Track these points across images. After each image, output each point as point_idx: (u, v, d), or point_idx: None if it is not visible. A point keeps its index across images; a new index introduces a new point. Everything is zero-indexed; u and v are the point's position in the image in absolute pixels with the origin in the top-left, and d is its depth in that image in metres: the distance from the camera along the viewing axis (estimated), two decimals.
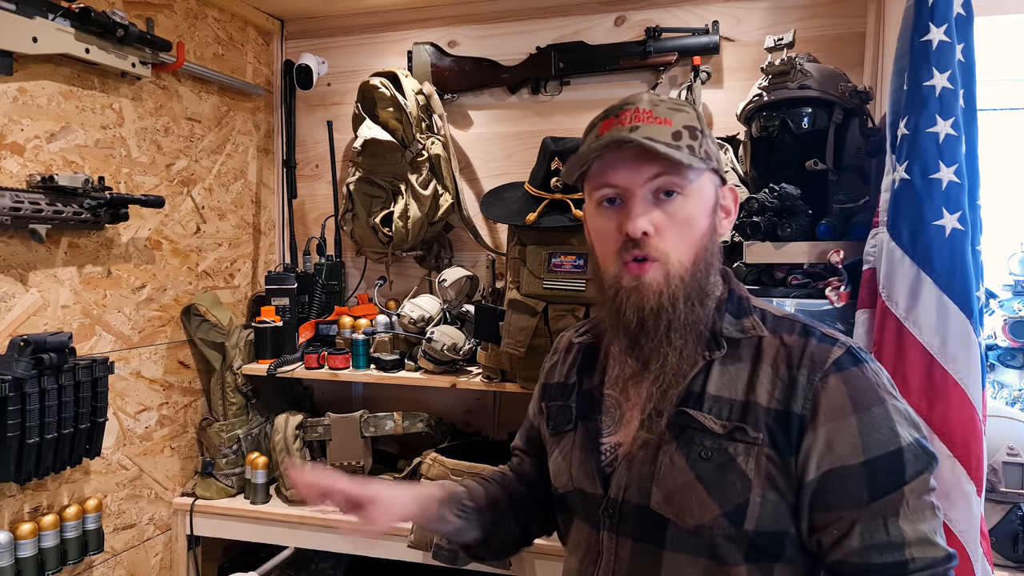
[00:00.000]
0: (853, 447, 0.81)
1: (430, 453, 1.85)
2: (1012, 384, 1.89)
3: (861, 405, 0.82)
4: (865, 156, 1.59)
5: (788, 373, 0.85)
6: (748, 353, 0.89)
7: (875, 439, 0.81)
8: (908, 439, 0.81)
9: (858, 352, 0.86)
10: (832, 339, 0.87)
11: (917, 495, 0.80)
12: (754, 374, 0.87)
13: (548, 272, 1.69)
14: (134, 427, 1.83)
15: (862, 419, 0.81)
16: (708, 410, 0.87)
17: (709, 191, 0.90)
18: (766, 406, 0.85)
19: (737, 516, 0.83)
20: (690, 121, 0.89)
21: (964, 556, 1.22)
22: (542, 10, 2.11)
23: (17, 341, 1.45)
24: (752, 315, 0.92)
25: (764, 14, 1.94)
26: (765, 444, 0.84)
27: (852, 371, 0.84)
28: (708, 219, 0.89)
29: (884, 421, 0.81)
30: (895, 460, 0.80)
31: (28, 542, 1.48)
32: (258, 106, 2.28)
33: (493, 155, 2.19)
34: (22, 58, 1.49)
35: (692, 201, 0.87)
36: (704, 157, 0.88)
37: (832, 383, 0.83)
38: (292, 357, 2.02)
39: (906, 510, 0.80)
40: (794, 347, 0.87)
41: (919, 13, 1.29)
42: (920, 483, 0.80)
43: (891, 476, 0.80)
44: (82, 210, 1.56)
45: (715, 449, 0.85)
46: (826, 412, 0.82)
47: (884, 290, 1.31)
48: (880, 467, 0.80)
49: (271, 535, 1.95)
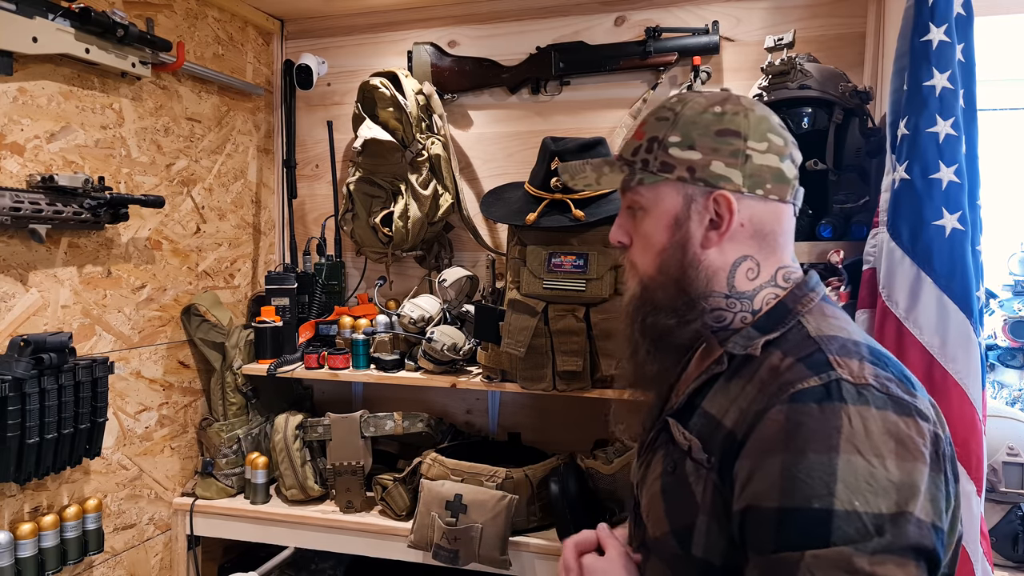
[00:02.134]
0: (770, 488, 0.70)
1: (430, 453, 1.85)
2: (1012, 384, 1.89)
3: (795, 446, 0.70)
4: (865, 156, 1.59)
5: (757, 395, 0.77)
6: (749, 371, 0.81)
7: (800, 489, 0.68)
8: (850, 507, 0.66)
9: (849, 391, 0.71)
10: (825, 367, 0.74)
11: (829, 566, 0.65)
12: (740, 394, 0.80)
13: (548, 272, 1.69)
14: (134, 427, 1.83)
15: (789, 461, 0.69)
16: (692, 425, 0.83)
17: (670, 203, 0.85)
18: (727, 428, 0.78)
19: (684, 538, 0.80)
20: (656, 131, 0.86)
21: (964, 556, 1.22)
22: (542, 10, 2.11)
23: (17, 341, 1.45)
24: (775, 332, 0.83)
25: (764, 14, 1.94)
26: (713, 469, 0.78)
27: (807, 406, 0.71)
28: (667, 233, 0.85)
29: (821, 472, 0.67)
30: (817, 519, 0.67)
31: (28, 542, 1.48)
32: (258, 106, 2.28)
33: (493, 155, 2.19)
34: (22, 58, 1.49)
35: (649, 216, 0.87)
36: (656, 170, 0.84)
37: (774, 412, 0.73)
38: (292, 357, 2.02)
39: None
40: (780, 370, 0.77)
41: (919, 13, 1.29)
42: (838, 555, 0.65)
43: (802, 536, 0.67)
44: (82, 210, 1.56)
45: (678, 464, 0.83)
46: (755, 442, 0.73)
47: (884, 290, 1.31)
48: (797, 519, 0.68)
49: (271, 535, 1.95)
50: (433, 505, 1.72)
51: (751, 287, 0.86)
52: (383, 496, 1.87)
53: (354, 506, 1.90)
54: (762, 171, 0.84)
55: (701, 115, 0.85)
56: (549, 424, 2.11)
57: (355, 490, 1.90)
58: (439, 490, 1.74)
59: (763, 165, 0.84)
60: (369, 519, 1.88)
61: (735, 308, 0.85)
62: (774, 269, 0.87)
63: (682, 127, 0.85)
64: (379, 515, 1.89)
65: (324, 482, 1.97)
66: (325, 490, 1.97)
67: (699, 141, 0.83)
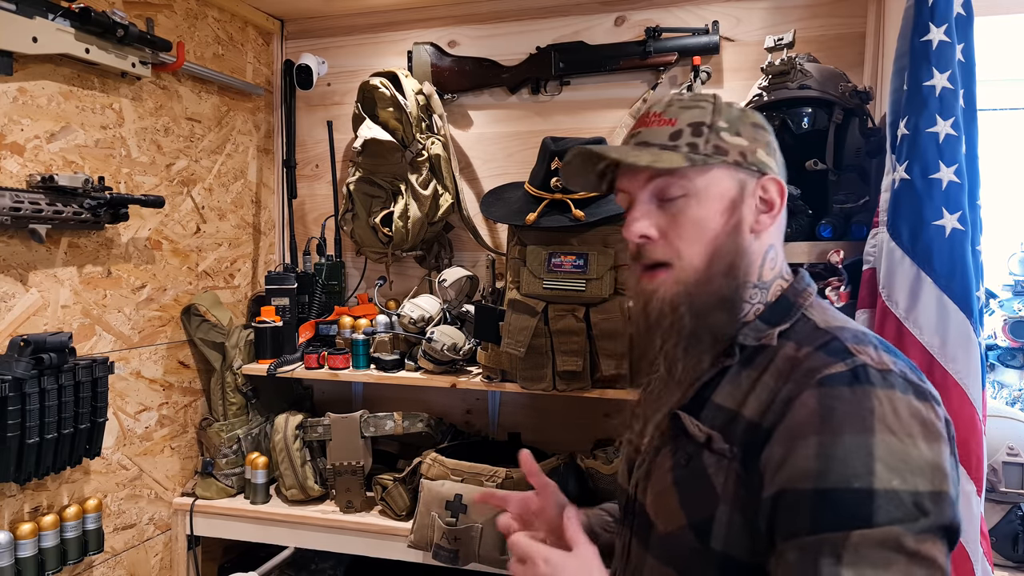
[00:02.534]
0: (807, 471, 0.70)
1: (430, 453, 1.85)
2: (1012, 384, 1.89)
3: (830, 427, 0.70)
4: (865, 156, 1.59)
5: (778, 385, 0.78)
6: (762, 362, 0.82)
7: (838, 470, 0.69)
8: (889, 485, 0.67)
9: (876, 375, 0.72)
10: (848, 354, 0.75)
11: (875, 545, 0.66)
12: (755, 384, 0.80)
13: (548, 272, 1.69)
14: (134, 427, 1.83)
15: (826, 442, 0.70)
16: (704, 417, 0.83)
17: (724, 187, 0.83)
18: (748, 419, 0.78)
19: (703, 530, 0.79)
20: (699, 117, 0.85)
21: (964, 556, 1.22)
22: (542, 10, 2.11)
23: (17, 341, 1.45)
24: (785, 323, 0.84)
25: (764, 14, 1.94)
26: (736, 459, 0.78)
27: (838, 389, 0.72)
28: (723, 217, 0.83)
29: (859, 453, 0.68)
30: (857, 499, 0.67)
31: (28, 542, 1.48)
32: (258, 106, 2.28)
33: (493, 155, 2.19)
34: (22, 58, 1.48)
35: (698, 200, 0.83)
36: (710, 152, 0.83)
37: (805, 397, 0.74)
38: (292, 357, 2.02)
39: (850, 556, 0.66)
40: (799, 359, 0.78)
41: (919, 13, 1.29)
42: (884, 535, 0.66)
43: (843, 515, 0.68)
44: (82, 210, 1.56)
45: (693, 456, 0.82)
46: (788, 427, 0.74)
47: (884, 290, 1.31)
48: (834, 500, 0.68)
49: (271, 535, 1.95)
50: (433, 505, 1.72)
51: (770, 276, 0.88)
52: (383, 496, 1.87)
53: (354, 506, 1.90)
54: (782, 165, 0.90)
55: (731, 108, 0.88)
56: (549, 424, 2.11)
57: (355, 490, 1.90)
58: (439, 490, 1.74)
59: (781, 160, 0.90)
60: (369, 519, 1.88)
61: (755, 299, 0.87)
62: (783, 260, 0.90)
63: (725, 114, 0.86)
64: (379, 515, 1.89)
65: (324, 482, 1.97)
66: (325, 490, 1.97)
67: (743, 130, 0.86)
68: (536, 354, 1.70)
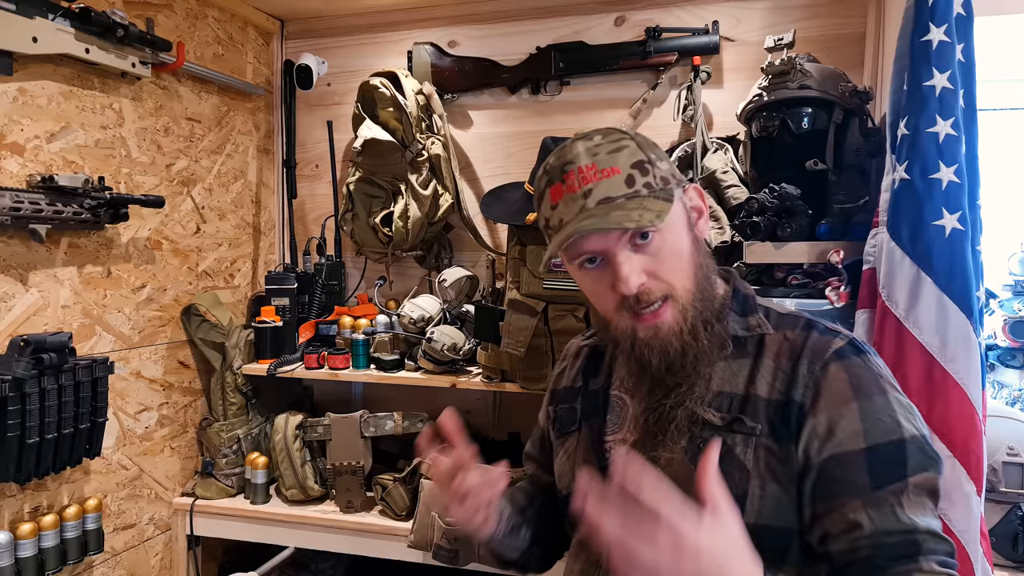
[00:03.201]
0: (855, 433, 0.80)
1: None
2: (1012, 384, 1.89)
3: (862, 392, 0.82)
4: (865, 156, 1.59)
5: (790, 364, 0.86)
6: (751, 349, 0.89)
7: (878, 427, 0.80)
8: (912, 432, 0.81)
9: (861, 344, 0.87)
10: (834, 332, 0.88)
11: (919, 491, 0.79)
12: (755, 368, 0.87)
13: (548, 272, 1.69)
14: (134, 427, 1.83)
15: (863, 406, 0.81)
16: (709, 404, 0.87)
17: (677, 210, 0.87)
18: (767, 397, 0.85)
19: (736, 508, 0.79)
20: (633, 155, 0.85)
21: (964, 556, 1.22)
22: (542, 10, 2.11)
23: (17, 341, 1.45)
24: (757, 313, 0.92)
25: (764, 14, 1.94)
26: (764, 435, 0.84)
27: (854, 359, 0.84)
28: (688, 235, 0.88)
29: (886, 410, 0.81)
30: (898, 450, 0.80)
31: (28, 542, 1.48)
32: (258, 106, 2.28)
33: (493, 155, 2.19)
34: (22, 58, 1.48)
35: (669, 231, 0.85)
36: (662, 186, 0.85)
37: (833, 370, 0.84)
38: (292, 357, 2.02)
39: (909, 502, 0.78)
40: (796, 340, 0.88)
41: (919, 13, 1.29)
42: (924, 480, 0.79)
43: (894, 466, 0.79)
44: (82, 210, 1.56)
45: (707, 440, 0.85)
46: (827, 398, 0.82)
47: (884, 290, 1.31)
48: (883, 455, 0.80)
49: (271, 535, 1.95)
50: (433, 505, 1.72)
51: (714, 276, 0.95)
52: (383, 496, 1.87)
53: (354, 506, 1.90)
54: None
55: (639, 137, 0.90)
56: None
57: (355, 490, 1.90)
58: None
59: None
60: (369, 519, 1.88)
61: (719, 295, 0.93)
62: None
63: (645, 148, 0.88)
64: (379, 515, 1.89)
65: (324, 482, 1.97)
66: (325, 490, 1.97)
67: (657, 152, 0.90)
68: (536, 354, 1.70)
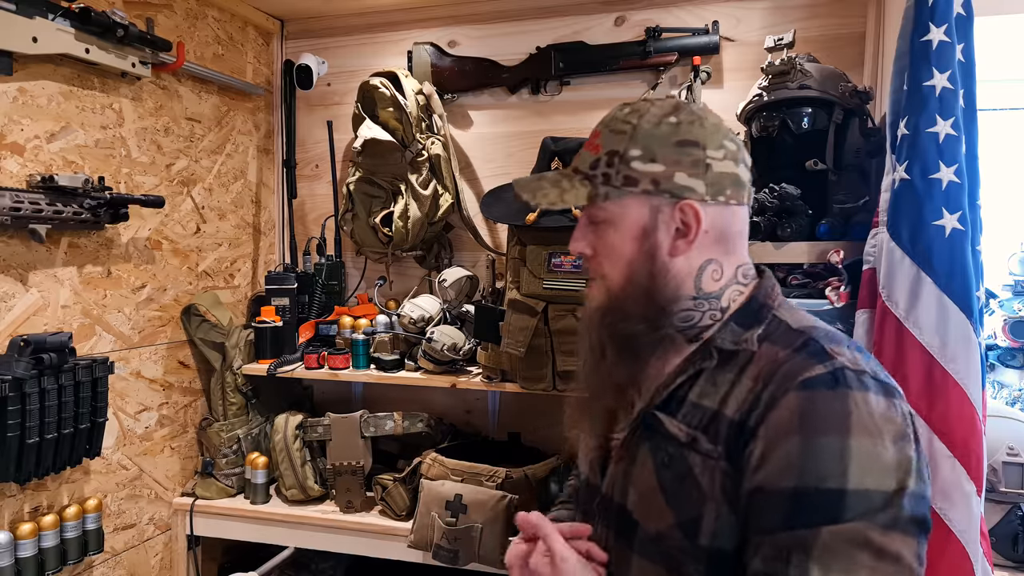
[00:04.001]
0: (785, 469, 0.73)
1: (430, 453, 1.85)
2: (1012, 384, 1.89)
3: (810, 428, 0.73)
4: (865, 156, 1.59)
5: (761, 386, 0.79)
6: (739, 363, 0.84)
7: (813, 470, 0.72)
8: (861, 485, 0.70)
9: (852, 378, 0.75)
10: (826, 356, 0.78)
11: (843, 542, 0.69)
12: (734, 384, 0.82)
13: (548, 272, 1.69)
14: (134, 427, 1.83)
15: (805, 444, 0.73)
16: (683, 416, 0.85)
17: (637, 215, 0.85)
18: (731, 417, 0.81)
19: (691, 529, 0.80)
20: (615, 144, 0.87)
21: (964, 556, 1.22)
22: (542, 10, 2.11)
23: (17, 341, 1.45)
24: (759, 326, 0.86)
25: (764, 14, 1.94)
26: (722, 458, 0.80)
27: (820, 392, 0.75)
28: (636, 243, 0.86)
29: (833, 455, 0.71)
30: (831, 499, 0.70)
31: (28, 542, 1.48)
32: (258, 106, 2.28)
33: (493, 155, 2.19)
34: (22, 58, 1.48)
35: (616, 229, 0.87)
36: (619, 184, 0.85)
37: (789, 398, 0.76)
38: (292, 357, 2.02)
39: (820, 553, 0.70)
40: (779, 360, 0.80)
41: (919, 13, 1.29)
42: (853, 530, 0.69)
43: (816, 513, 0.71)
44: (82, 210, 1.56)
45: (676, 457, 0.84)
46: (769, 426, 0.76)
47: (884, 290, 1.31)
48: (808, 500, 0.71)
49: (271, 535, 1.95)
50: (433, 505, 1.73)
51: (717, 287, 0.89)
52: (383, 496, 1.87)
53: (354, 506, 1.90)
54: (722, 179, 0.86)
55: (658, 127, 0.86)
56: (549, 424, 2.11)
57: (355, 490, 1.90)
58: (439, 490, 1.74)
59: (722, 172, 0.86)
60: (369, 519, 1.88)
61: (703, 308, 0.88)
62: (734, 268, 0.90)
63: (642, 140, 0.86)
64: (379, 515, 1.89)
65: (324, 482, 1.97)
66: (325, 490, 1.97)
67: (660, 153, 0.85)
68: (536, 354, 1.70)
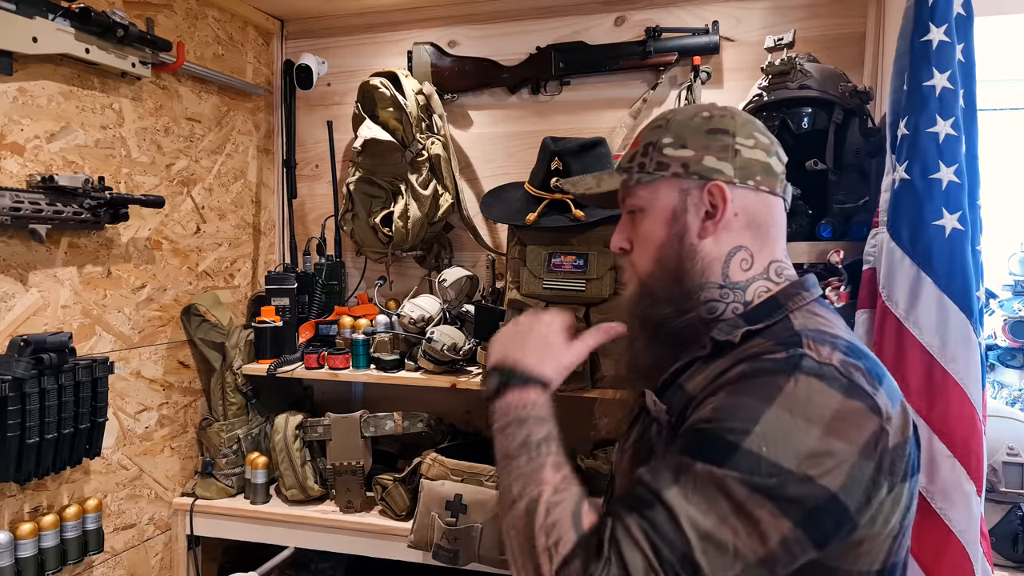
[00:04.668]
0: (703, 414, 0.76)
1: (430, 453, 1.85)
2: (1012, 384, 1.89)
3: (737, 391, 0.75)
4: (865, 156, 1.59)
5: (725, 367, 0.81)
6: (725, 355, 0.85)
7: (723, 419, 0.73)
8: (755, 449, 0.69)
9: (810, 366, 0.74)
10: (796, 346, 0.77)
11: (710, 483, 0.69)
12: (712, 371, 0.84)
13: (548, 272, 1.69)
14: (134, 427, 1.83)
15: (729, 399, 0.75)
16: (667, 397, 0.88)
17: (668, 199, 0.90)
18: (690, 393, 0.84)
19: None
20: (651, 137, 0.93)
21: (964, 556, 1.22)
22: (542, 10, 2.11)
23: (17, 341, 1.45)
24: (760, 323, 0.86)
25: (764, 14, 1.94)
26: (671, 426, 0.85)
27: (765, 364, 0.76)
28: (666, 227, 0.90)
29: (745, 413, 0.72)
30: (724, 447, 0.71)
31: (28, 542, 1.48)
32: (258, 106, 2.28)
33: (493, 155, 2.19)
34: (22, 58, 1.48)
35: (648, 215, 0.92)
36: (653, 169, 0.91)
37: (734, 369, 0.79)
38: (292, 357, 2.02)
39: (688, 480, 0.70)
40: (751, 351, 0.81)
41: (919, 13, 1.29)
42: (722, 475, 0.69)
43: (704, 449, 0.72)
44: (82, 210, 1.56)
45: (648, 429, 0.90)
46: (711, 388, 0.79)
47: (884, 290, 1.31)
48: (704, 438, 0.73)
49: (271, 535, 1.95)
50: (433, 505, 1.73)
51: (745, 278, 0.89)
52: (383, 496, 1.87)
53: (354, 506, 1.90)
54: (751, 164, 0.89)
55: (691, 119, 0.91)
56: None
57: (355, 490, 1.90)
58: (439, 490, 1.74)
59: (752, 159, 0.89)
60: (369, 519, 1.88)
61: (728, 299, 0.89)
62: (767, 261, 0.91)
63: (674, 129, 0.91)
64: (379, 515, 1.89)
65: (324, 482, 1.97)
66: (325, 490, 1.97)
67: (691, 140, 0.90)
68: None
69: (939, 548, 1.23)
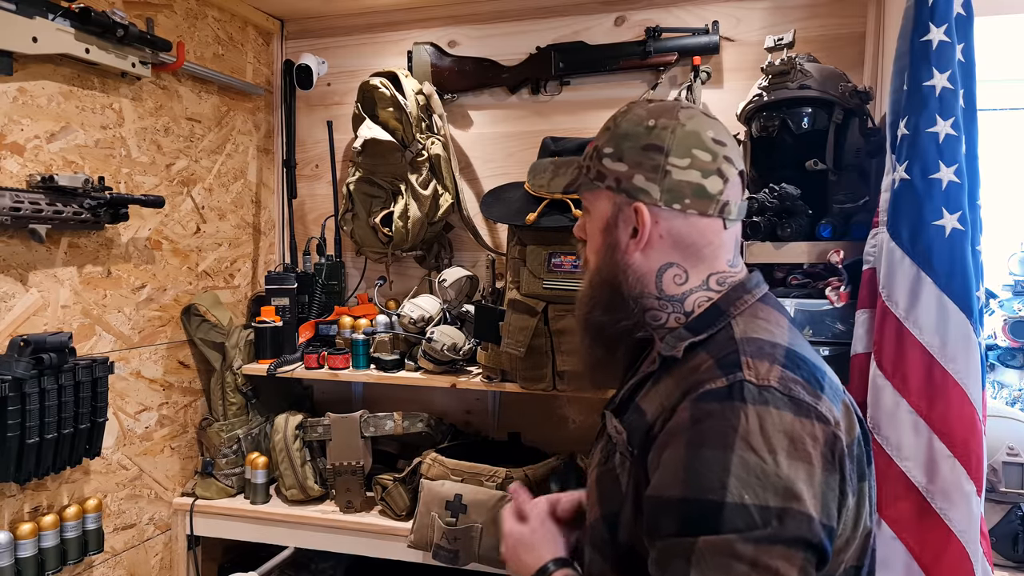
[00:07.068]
0: (672, 479, 0.76)
1: (430, 453, 1.85)
2: (1012, 384, 1.89)
3: (695, 441, 0.75)
4: (865, 156, 1.59)
5: (676, 393, 0.81)
6: (678, 371, 0.85)
7: (696, 482, 0.73)
8: (739, 499, 0.71)
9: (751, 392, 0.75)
10: (733, 369, 0.78)
11: (717, 552, 0.71)
12: (666, 391, 0.84)
13: (548, 272, 1.69)
14: (134, 427, 1.83)
15: (690, 455, 0.75)
16: (627, 419, 0.88)
17: (603, 209, 0.90)
18: (648, 422, 0.83)
19: (612, 523, 0.86)
20: (599, 139, 0.93)
21: (964, 556, 1.22)
22: (542, 10, 2.11)
23: (17, 341, 1.45)
24: (704, 333, 0.86)
25: (764, 14, 1.94)
26: (636, 461, 0.84)
27: (712, 405, 0.76)
28: (602, 235, 0.90)
29: (715, 468, 0.72)
30: (710, 511, 0.72)
31: (28, 542, 1.48)
32: (258, 106, 2.28)
33: (493, 155, 2.19)
34: (22, 58, 1.48)
35: (591, 218, 0.93)
36: (592, 177, 0.91)
37: (685, 407, 0.78)
38: (292, 357, 2.02)
39: (698, 560, 0.72)
40: (698, 369, 0.82)
41: (919, 13, 1.29)
42: (725, 542, 0.71)
43: (697, 524, 0.73)
44: (82, 210, 1.56)
45: (610, 455, 0.90)
46: (663, 435, 0.79)
47: (884, 290, 1.31)
48: (692, 510, 0.73)
49: (271, 535, 1.95)
50: (433, 505, 1.73)
51: (680, 291, 0.89)
52: (383, 496, 1.87)
53: (354, 506, 1.90)
54: (680, 187, 0.85)
55: (635, 128, 0.88)
56: (549, 424, 2.11)
57: (355, 490, 1.90)
58: (439, 490, 1.74)
59: (682, 181, 0.85)
60: (369, 519, 1.88)
61: (667, 309, 0.90)
62: (704, 275, 0.89)
63: (615, 139, 0.90)
64: (379, 515, 1.89)
65: (324, 482, 1.97)
66: (325, 490, 1.97)
67: (627, 154, 0.88)
68: (536, 354, 1.70)
69: (939, 548, 1.23)
